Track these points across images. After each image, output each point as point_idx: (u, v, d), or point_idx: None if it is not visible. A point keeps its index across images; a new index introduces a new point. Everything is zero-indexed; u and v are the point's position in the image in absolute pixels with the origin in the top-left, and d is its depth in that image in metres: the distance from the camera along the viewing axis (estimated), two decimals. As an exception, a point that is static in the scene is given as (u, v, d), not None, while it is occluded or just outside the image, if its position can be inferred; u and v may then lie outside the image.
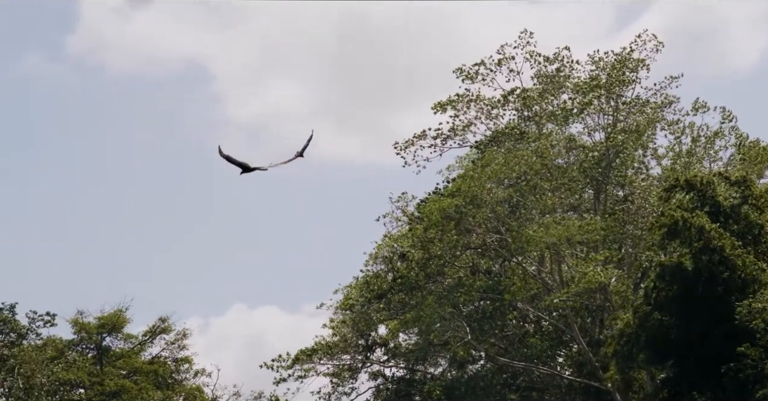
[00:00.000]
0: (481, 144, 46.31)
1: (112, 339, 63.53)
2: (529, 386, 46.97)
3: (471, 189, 42.48)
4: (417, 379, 51.18)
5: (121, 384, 59.79)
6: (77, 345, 62.81)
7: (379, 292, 51.31)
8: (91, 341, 62.88)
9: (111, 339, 63.54)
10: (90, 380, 59.91)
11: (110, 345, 63.74)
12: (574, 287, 42.36)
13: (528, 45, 45.61)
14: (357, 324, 51.53)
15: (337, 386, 52.19)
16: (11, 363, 55.26)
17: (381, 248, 51.96)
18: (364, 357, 52.38)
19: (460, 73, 46.21)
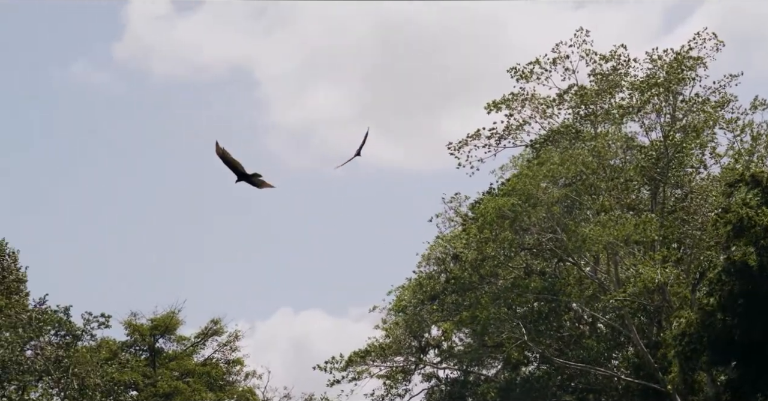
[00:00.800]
0: (536, 143, 45.45)
1: (164, 341, 63.40)
2: (586, 388, 45.95)
3: (526, 188, 41.61)
4: (471, 381, 50.32)
5: (175, 385, 59.51)
6: (130, 346, 62.64)
7: (432, 293, 50.58)
8: (144, 343, 62.69)
9: (164, 340, 63.40)
10: (144, 381, 59.69)
11: (163, 346, 63.57)
12: (630, 287, 41.38)
13: (584, 44, 44.74)
14: (410, 325, 50.82)
15: (391, 388, 51.49)
16: (66, 363, 55.04)
17: (434, 249, 51.24)
18: (417, 358, 51.63)
19: (514, 72, 45.39)
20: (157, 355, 62.39)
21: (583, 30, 44.80)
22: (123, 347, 61.69)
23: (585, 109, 44.15)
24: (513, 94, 45.41)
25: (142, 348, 62.88)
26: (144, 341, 62.25)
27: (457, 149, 46.30)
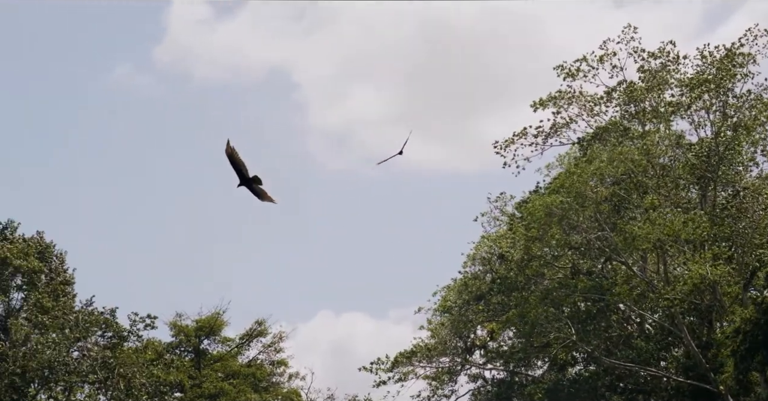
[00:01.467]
0: (584, 141, 44.67)
1: (209, 342, 63.08)
2: (635, 389, 45.06)
3: (574, 186, 40.84)
4: (517, 382, 49.59)
5: (220, 386, 59.17)
6: (176, 347, 62.40)
7: (478, 294, 49.96)
8: (189, 344, 62.42)
9: (208, 342, 63.09)
10: (189, 382, 59.40)
11: (207, 348, 63.27)
12: (680, 286, 40.52)
13: (632, 40, 43.92)
14: (455, 326, 50.20)
15: (436, 389, 50.87)
16: (112, 364, 54.84)
17: (479, 249, 50.61)
18: (463, 359, 50.98)
19: (561, 70, 44.65)
20: (201, 356, 62.11)
21: (630, 27, 44.02)
22: (168, 348, 61.44)
23: (634, 106, 43.31)
24: (560, 91, 44.68)
25: (187, 350, 62.63)
26: (189, 342, 61.97)
27: (503, 148, 45.61)
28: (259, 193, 20.14)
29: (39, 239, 56.06)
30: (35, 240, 55.89)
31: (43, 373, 54.55)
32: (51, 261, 55.95)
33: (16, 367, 53.74)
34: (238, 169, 19.78)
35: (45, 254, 55.73)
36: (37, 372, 53.93)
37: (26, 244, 55.27)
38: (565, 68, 44.51)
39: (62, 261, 56.26)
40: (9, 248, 54.92)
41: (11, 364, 53.72)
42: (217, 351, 62.91)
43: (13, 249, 54.82)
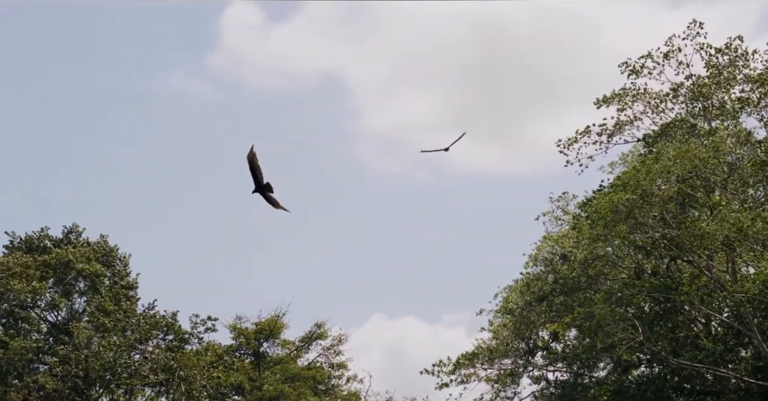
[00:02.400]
0: (649, 138, 43.71)
1: (268, 345, 62.69)
2: (703, 390, 43.88)
3: (641, 183, 39.84)
4: (582, 383, 48.55)
5: (280, 389, 58.71)
6: (236, 350, 62.06)
7: (540, 294, 49.05)
8: (249, 347, 62.07)
9: (267, 344, 62.70)
10: (249, 384, 59.00)
11: (267, 350, 62.88)
12: (749, 285, 39.39)
13: (698, 36, 42.90)
14: (518, 327, 49.31)
15: (499, 392, 49.99)
16: (173, 366, 54.58)
17: (541, 249, 49.71)
18: (526, 360, 50.06)
19: (625, 67, 43.74)
20: (261, 359, 61.72)
21: (696, 22, 43.02)
22: (228, 351, 61.14)
23: (703, 101, 42.27)
24: (624, 89, 43.81)
25: (246, 352, 62.27)
26: (249, 345, 61.64)
27: (567, 147, 44.78)
28: (272, 201, 20.24)
29: (103, 242, 56.02)
30: (99, 244, 55.85)
31: (104, 376, 54.43)
32: (114, 265, 55.86)
33: (79, 370, 53.64)
34: (255, 175, 19.96)
35: (109, 257, 55.68)
36: (98, 373, 53.80)
37: (90, 248, 55.23)
38: (629, 65, 43.63)
39: (126, 264, 56.14)
40: (72, 251, 54.89)
41: (74, 367, 53.63)
42: (276, 353, 62.53)
43: (76, 253, 54.79)
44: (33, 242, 55.17)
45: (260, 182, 20.09)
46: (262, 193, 20.24)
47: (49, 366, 53.83)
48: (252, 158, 19.99)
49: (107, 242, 55.84)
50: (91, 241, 55.73)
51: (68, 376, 53.28)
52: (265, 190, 20.27)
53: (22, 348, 51.87)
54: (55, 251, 54.84)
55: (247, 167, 20.05)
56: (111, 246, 55.73)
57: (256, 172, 20.09)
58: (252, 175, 20.07)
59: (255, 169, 20.07)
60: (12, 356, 51.93)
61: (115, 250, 55.74)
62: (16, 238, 55.28)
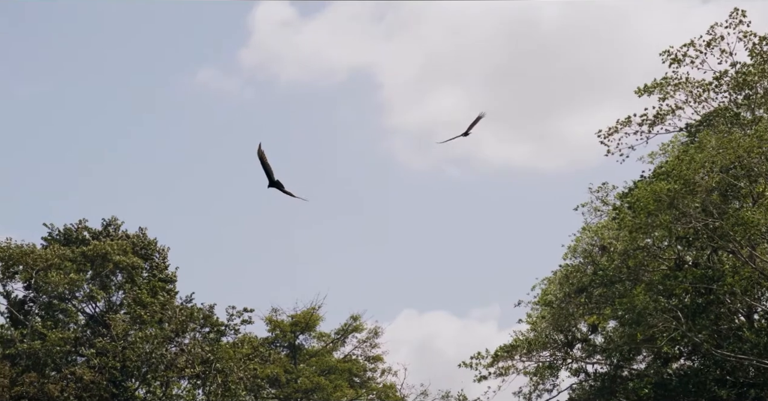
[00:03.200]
0: (691, 127, 42.93)
1: (305, 337, 62.34)
2: (746, 382, 43.02)
3: (683, 173, 39.07)
4: (622, 376, 47.79)
5: (317, 381, 58.32)
6: (271, 343, 61.73)
7: (580, 286, 48.30)
8: (285, 339, 61.71)
9: (304, 337, 62.35)
10: (285, 377, 58.64)
11: (303, 343, 62.53)
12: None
13: (740, 24, 42.04)
14: (556, 319, 48.59)
15: (537, 384, 49.32)
16: (210, 359, 54.27)
17: (580, 240, 48.97)
18: (565, 353, 49.34)
19: (666, 55, 42.97)
20: (297, 351, 61.35)
21: (738, 11, 42.15)
22: (264, 343, 60.84)
23: (746, 90, 41.40)
24: (665, 78, 43.03)
25: (282, 345, 61.92)
26: (285, 337, 61.26)
27: (607, 137, 44.06)
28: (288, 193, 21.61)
29: (141, 235, 55.77)
30: (137, 237, 55.62)
31: (141, 368, 54.18)
32: (153, 258, 55.62)
33: (116, 362, 53.41)
34: (267, 171, 21.21)
35: (147, 250, 55.43)
36: (135, 365, 53.56)
37: (129, 240, 55.00)
38: (671, 54, 42.84)
39: (164, 258, 55.86)
40: (110, 244, 54.67)
41: (111, 359, 53.41)
42: (312, 346, 62.14)
43: (113, 245, 54.57)
44: (71, 234, 55.02)
45: (272, 177, 21.28)
46: (277, 186, 21.47)
47: (87, 358, 53.64)
48: (261, 155, 21.09)
49: (146, 235, 55.60)
50: (129, 234, 55.51)
51: (105, 368, 53.07)
52: (279, 185, 21.47)
53: (60, 340, 51.69)
54: (93, 243, 54.65)
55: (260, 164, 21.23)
56: (149, 239, 55.48)
57: (266, 168, 21.19)
58: (264, 171, 21.19)
59: (265, 165, 21.20)
60: (50, 347, 51.78)
61: (154, 243, 55.48)
62: (55, 230, 55.15)
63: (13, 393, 50.69)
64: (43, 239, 55.34)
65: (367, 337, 62.02)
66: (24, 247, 53.38)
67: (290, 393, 58.41)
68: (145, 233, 55.77)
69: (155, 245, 55.60)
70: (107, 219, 55.87)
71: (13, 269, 53.73)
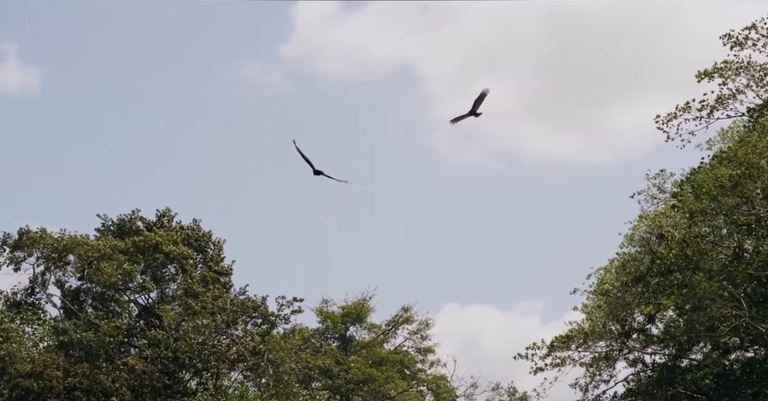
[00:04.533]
0: (754, 111, 41.50)
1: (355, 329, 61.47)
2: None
3: (748, 157, 37.64)
4: (681, 366, 46.40)
5: (368, 372, 57.44)
6: (322, 334, 60.92)
7: (637, 275, 46.94)
8: (335, 330, 60.87)
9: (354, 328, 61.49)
10: (336, 368, 57.82)
11: (353, 334, 61.66)
12: None
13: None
14: (613, 309, 47.24)
15: (594, 375, 48.00)
16: (262, 349, 53.59)
17: (637, 228, 47.59)
18: (621, 343, 48.00)
19: (727, 39, 41.58)
20: (348, 343, 60.51)
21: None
22: (315, 334, 60.04)
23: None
24: (726, 62, 41.62)
25: (333, 336, 61.09)
26: (335, 328, 60.42)
27: (666, 122, 42.69)
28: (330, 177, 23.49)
29: (195, 227, 55.11)
30: (191, 228, 54.95)
31: (192, 359, 53.56)
32: (207, 250, 54.92)
33: (168, 352, 52.83)
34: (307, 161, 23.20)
35: (201, 242, 54.76)
36: (187, 355, 52.96)
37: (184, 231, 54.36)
38: (732, 37, 41.45)
39: (219, 250, 55.13)
40: (161, 234, 54.09)
41: (163, 349, 52.84)
42: (362, 337, 61.25)
43: (164, 236, 53.98)
44: (125, 224, 54.49)
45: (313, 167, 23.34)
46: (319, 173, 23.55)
47: (139, 349, 53.10)
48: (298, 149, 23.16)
49: (200, 227, 54.93)
50: (183, 225, 54.88)
51: (157, 359, 52.50)
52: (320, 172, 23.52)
53: (113, 329, 51.15)
54: (145, 234, 54.11)
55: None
56: (204, 231, 54.82)
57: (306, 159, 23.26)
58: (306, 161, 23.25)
59: (304, 156, 23.26)
60: (102, 338, 51.26)
61: (208, 235, 54.81)
62: (108, 220, 54.65)
63: (66, 384, 50.22)
64: (97, 230, 54.84)
65: (417, 329, 61.02)
66: (78, 238, 52.88)
67: (341, 384, 57.54)
68: (199, 225, 55.10)
69: (209, 237, 54.90)
70: (161, 210, 55.27)
71: (66, 260, 53.30)
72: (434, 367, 63.23)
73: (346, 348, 59.80)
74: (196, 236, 54.58)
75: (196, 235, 54.67)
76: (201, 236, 54.74)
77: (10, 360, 50.24)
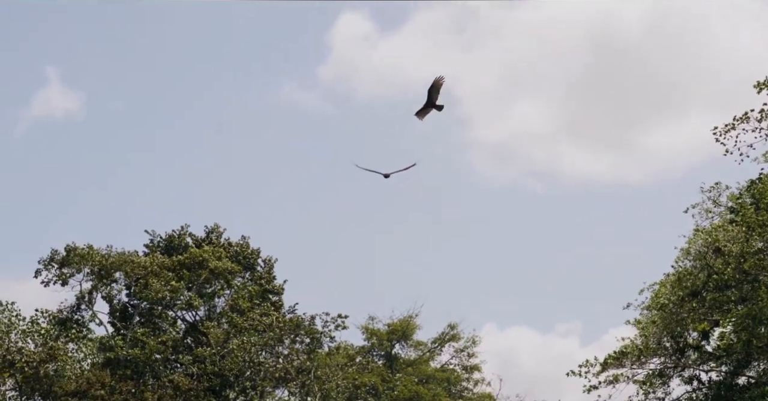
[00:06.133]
0: (818, 121, 39.81)
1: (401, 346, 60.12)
2: None
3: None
4: (738, 384, 44.69)
5: (415, 390, 56.01)
6: (368, 351, 59.61)
7: (693, 289, 45.37)
8: (381, 347, 59.55)
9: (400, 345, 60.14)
10: (383, 386, 56.46)
11: (399, 352, 60.30)
12: None
13: None
14: (668, 324, 45.65)
15: (648, 393, 46.35)
16: (309, 366, 52.38)
17: (692, 242, 46.05)
18: (677, 360, 46.35)
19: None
20: (394, 360, 59.15)
21: None
22: (360, 352, 58.75)
23: None
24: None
25: (379, 353, 59.77)
26: (381, 345, 59.11)
27: (723, 134, 41.06)
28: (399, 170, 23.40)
29: (244, 244, 54.04)
30: (239, 245, 53.89)
31: (237, 376, 52.45)
32: (255, 267, 53.81)
33: (215, 369, 51.73)
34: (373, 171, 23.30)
35: (249, 259, 53.69)
36: (233, 372, 51.85)
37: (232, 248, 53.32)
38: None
39: (270, 268, 53.97)
40: (206, 250, 53.08)
41: (209, 366, 51.73)
42: (408, 355, 59.88)
43: (209, 251, 52.96)
44: (173, 240, 53.52)
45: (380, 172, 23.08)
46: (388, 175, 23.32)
47: (185, 366, 52.03)
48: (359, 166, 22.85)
49: (248, 244, 53.86)
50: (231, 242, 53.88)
51: (203, 376, 51.39)
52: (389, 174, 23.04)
53: (159, 344, 50.07)
54: (190, 250, 53.13)
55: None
56: (252, 248, 53.75)
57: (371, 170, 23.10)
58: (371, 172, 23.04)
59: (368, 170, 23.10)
60: (149, 354, 50.20)
61: (256, 252, 53.71)
62: (156, 236, 53.74)
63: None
64: (145, 246, 53.92)
65: (464, 346, 59.54)
66: (125, 254, 51.93)
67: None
68: (248, 241, 53.99)
69: (257, 255, 53.80)
70: (209, 226, 54.26)
71: (113, 278, 52.39)
72: (480, 385, 61.77)
73: (392, 366, 58.40)
74: (244, 253, 53.47)
75: (245, 252, 53.56)
76: (249, 253, 53.63)
77: (56, 378, 49.27)
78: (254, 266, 53.58)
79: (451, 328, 59.40)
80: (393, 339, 58.83)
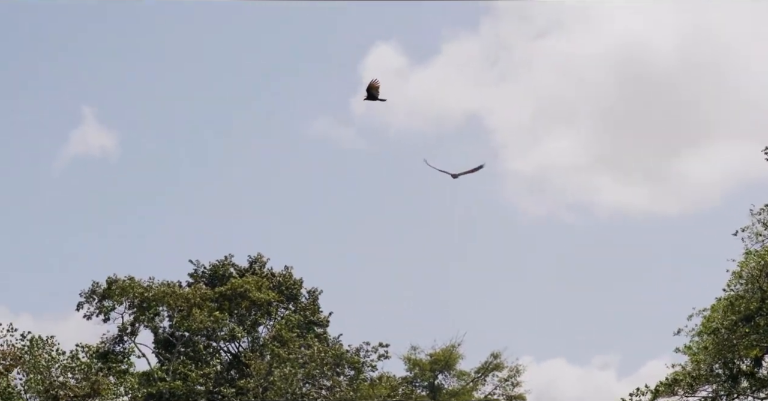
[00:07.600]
0: None
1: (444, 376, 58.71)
2: None
3: None
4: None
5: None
6: (410, 382, 58.22)
7: (746, 314, 43.86)
8: (424, 378, 58.16)
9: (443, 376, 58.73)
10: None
11: (442, 382, 58.88)
12: None
13: None
14: (720, 350, 44.09)
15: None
16: (351, 397, 51.08)
17: (744, 265, 44.59)
18: (729, 387, 44.75)
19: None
20: (436, 391, 57.74)
21: None
22: (403, 382, 57.44)
23: None
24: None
25: (421, 384, 58.38)
26: (424, 376, 57.73)
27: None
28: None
29: (287, 274, 53.02)
30: (282, 276, 52.89)
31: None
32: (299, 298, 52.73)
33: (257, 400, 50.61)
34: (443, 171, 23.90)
35: (292, 290, 52.63)
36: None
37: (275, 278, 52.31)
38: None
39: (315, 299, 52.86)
40: (247, 280, 52.10)
41: (252, 398, 50.58)
42: (451, 385, 58.44)
43: (251, 281, 51.97)
44: (217, 270, 52.59)
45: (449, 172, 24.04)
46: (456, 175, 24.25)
47: (228, 398, 50.85)
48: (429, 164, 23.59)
49: (291, 275, 52.83)
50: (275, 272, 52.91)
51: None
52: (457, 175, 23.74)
53: (201, 376, 48.94)
54: (231, 281, 52.16)
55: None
56: (295, 279, 52.70)
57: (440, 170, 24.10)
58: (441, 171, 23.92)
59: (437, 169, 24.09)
60: (191, 386, 49.07)
61: (299, 283, 52.67)
62: (201, 266, 52.83)
63: (155, 435, 48.01)
64: (190, 275, 52.99)
65: (508, 376, 58.07)
66: (167, 286, 50.99)
67: (432, 433, 54.79)
68: (291, 272, 52.94)
69: (300, 285, 52.74)
70: (252, 256, 53.33)
71: (155, 310, 51.41)
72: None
73: (436, 396, 56.96)
74: (287, 284, 52.43)
75: (287, 282, 52.52)
76: (292, 284, 52.58)
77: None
78: (297, 296, 52.49)
79: (494, 357, 57.95)
80: (436, 369, 57.41)
